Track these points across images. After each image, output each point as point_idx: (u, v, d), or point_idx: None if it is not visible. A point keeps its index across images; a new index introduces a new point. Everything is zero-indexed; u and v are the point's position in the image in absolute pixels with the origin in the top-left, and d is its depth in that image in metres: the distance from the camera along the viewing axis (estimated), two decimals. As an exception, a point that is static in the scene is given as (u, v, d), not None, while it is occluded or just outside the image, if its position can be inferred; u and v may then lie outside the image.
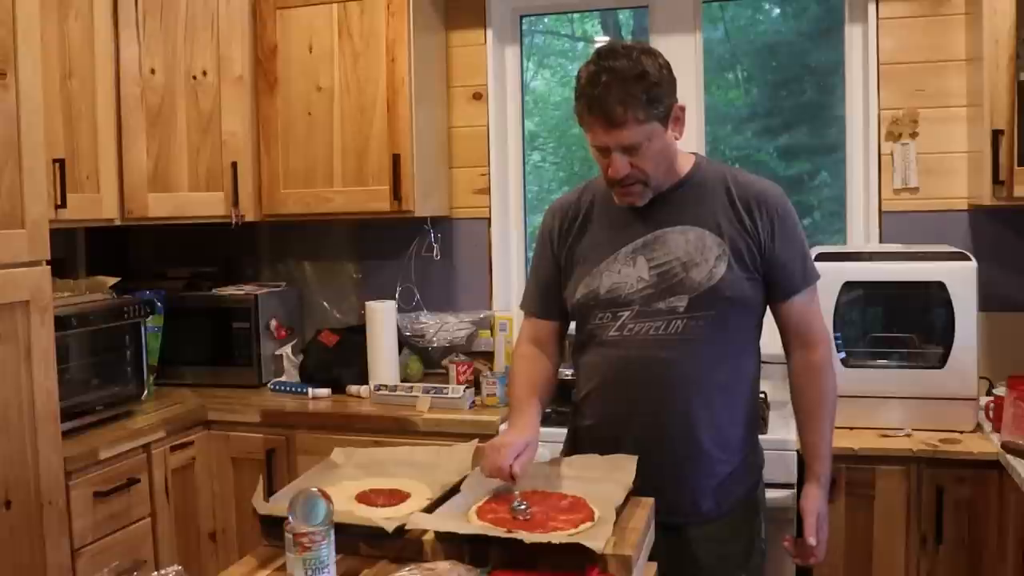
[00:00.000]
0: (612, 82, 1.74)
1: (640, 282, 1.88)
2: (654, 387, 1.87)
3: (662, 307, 1.87)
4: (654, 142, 1.81)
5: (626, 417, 1.90)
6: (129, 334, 2.88)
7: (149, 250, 3.68)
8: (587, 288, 1.93)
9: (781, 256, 1.89)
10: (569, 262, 1.99)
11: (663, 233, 1.89)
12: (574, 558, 1.42)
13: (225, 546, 2.95)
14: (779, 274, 1.91)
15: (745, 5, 3.57)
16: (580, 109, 1.81)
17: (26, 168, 2.21)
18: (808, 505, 1.95)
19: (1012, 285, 2.86)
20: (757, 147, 3.58)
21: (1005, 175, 2.54)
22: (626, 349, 1.89)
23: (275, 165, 3.16)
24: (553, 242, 2.03)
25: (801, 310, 1.94)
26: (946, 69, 2.91)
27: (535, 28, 3.66)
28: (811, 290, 1.95)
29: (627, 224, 1.92)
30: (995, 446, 2.34)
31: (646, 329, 1.88)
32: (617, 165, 1.81)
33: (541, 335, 2.07)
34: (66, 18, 2.77)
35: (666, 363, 1.86)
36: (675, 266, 1.87)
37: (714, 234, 1.87)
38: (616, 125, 1.77)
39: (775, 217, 1.89)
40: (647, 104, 1.76)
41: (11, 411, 2.17)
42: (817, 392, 1.97)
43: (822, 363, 1.97)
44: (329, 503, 1.44)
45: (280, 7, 3.11)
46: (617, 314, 1.90)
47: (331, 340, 3.19)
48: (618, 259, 1.91)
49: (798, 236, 1.93)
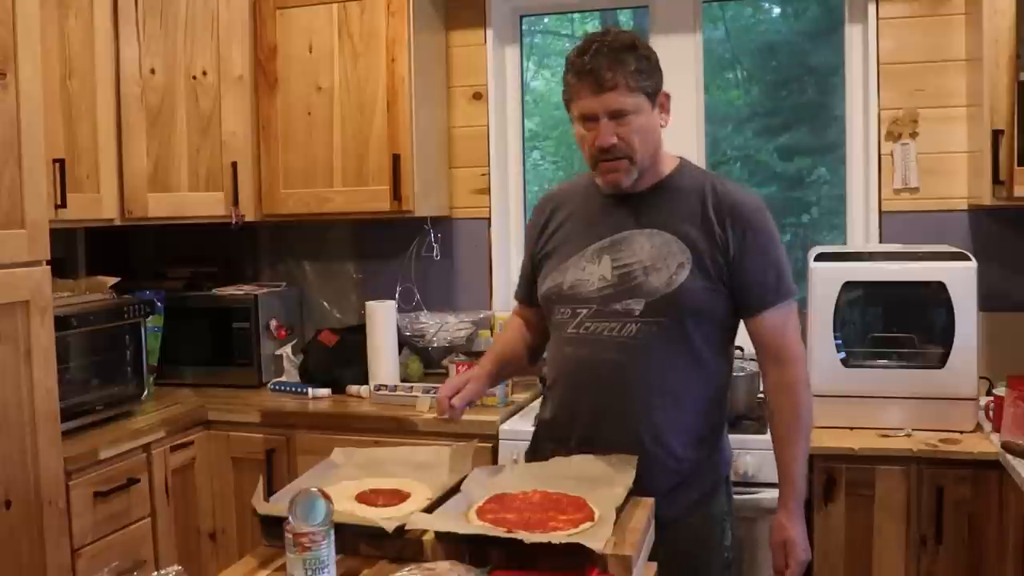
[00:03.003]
0: (603, 48, 1.80)
1: (601, 281, 1.89)
2: (601, 388, 1.89)
3: (619, 308, 1.87)
4: (641, 116, 1.83)
5: (574, 415, 1.93)
6: (129, 334, 2.88)
7: (149, 250, 3.68)
8: (553, 282, 1.96)
9: (750, 269, 1.86)
10: (544, 256, 2.02)
11: (631, 235, 1.90)
12: (574, 558, 1.42)
13: (225, 546, 2.95)
14: (748, 288, 1.87)
15: (745, 5, 3.57)
16: (569, 80, 1.86)
17: (26, 168, 2.21)
18: (775, 538, 1.94)
19: (1012, 285, 2.86)
20: (757, 147, 3.58)
21: (1005, 175, 2.54)
22: (580, 347, 1.91)
23: (275, 165, 3.16)
24: (531, 235, 2.08)
25: (772, 326, 1.90)
26: (946, 69, 2.91)
27: (535, 28, 3.66)
28: (785, 306, 1.91)
29: (599, 222, 1.94)
30: (995, 446, 2.34)
31: (601, 329, 1.88)
32: (604, 133, 1.82)
33: (525, 315, 2.16)
34: (66, 18, 2.77)
35: (615, 364, 1.87)
36: (637, 269, 1.87)
37: (680, 241, 1.86)
38: (606, 88, 1.79)
39: (747, 229, 1.86)
40: (636, 73, 1.80)
41: (11, 411, 2.17)
42: (791, 413, 1.92)
43: (795, 382, 1.92)
44: (329, 503, 1.44)
45: (280, 7, 3.11)
46: (576, 311, 1.92)
47: (331, 340, 3.19)
48: (585, 256, 1.93)
49: (772, 250, 1.89)
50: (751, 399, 2.67)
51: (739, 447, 2.47)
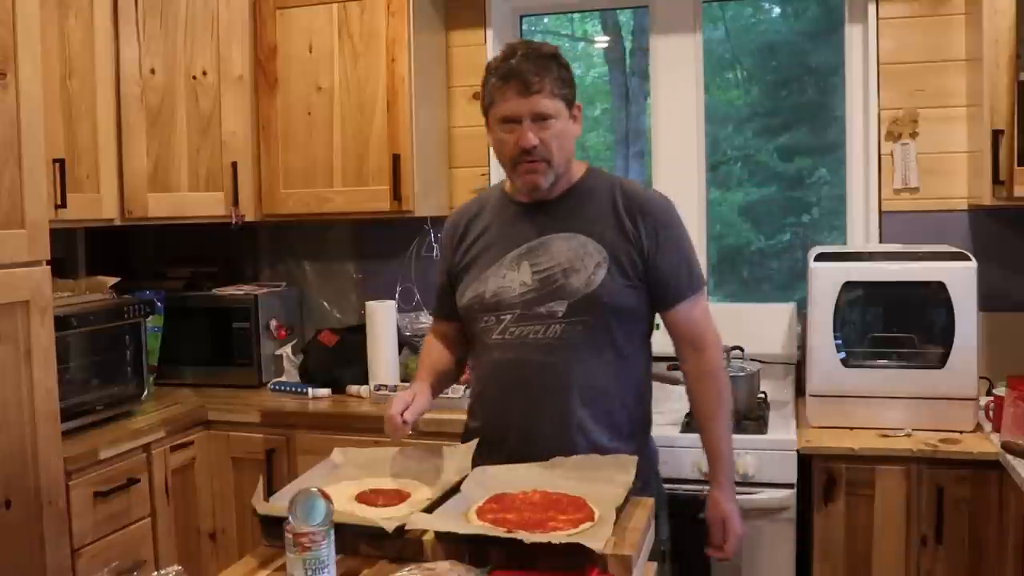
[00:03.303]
0: (528, 54, 1.88)
1: (523, 286, 1.95)
2: (531, 390, 1.94)
3: (542, 311, 1.93)
4: (560, 121, 1.90)
5: (506, 419, 1.96)
6: (129, 334, 2.88)
7: (149, 250, 3.67)
8: (474, 292, 2.00)
9: (664, 265, 1.95)
10: (460, 267, 2.06)
11: (548, 239, 1.96)
12: (574, 558, 1.42)
13: (225, 546, 2.95)
14: (664, 282, 1.96)
15: (745, 5, 3.57)
16: (494, 83, 1.90)
17: (26, 168, 2.21)
18: (711, 514, 2.03)
19: (1012, 285, 2.86)
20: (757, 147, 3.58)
21: (1005, 175, 2.54)
22: (507, 352, 1.96)
23: (275, 165, 3.16)
24: (446, 250, 2.12)
25: (689, 316, 1.99)
26: (946, 69, 2.91)
27: (535, 28, 3.66)
28: (698, 296, 2.01)
29: (515, 230, 1.99)
30: (995, 446, 2.34)
31: (526, 333, 1.94)
32: (528, 134, 1.88)
33: (444, 331, 2.19)
34: (66, 18, 2.76)
35: (543, 366, 1.92)
36: (556, 272, 1.93)
37: (596, 242, 1.93)
38: (532, 91, 1.86)
39: (659, 227, 1.95)
40: (558, 81, 1.89)
41: (11, 411, 2.17)
42: (713, 396, 2.02)
43: (714, 367, 2.02)
44: (329, 503, 1.44)
45: (280, 7, 3.11)
46: (500, 317, 1.96)
47: (331, 340, 3.19)
48: (504, 264, 1.98)
49: (682, 245, 1.99)
50: (751, 399, 2.67)
51: (739, 447, 2.47)
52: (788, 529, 2.45)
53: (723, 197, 3.58)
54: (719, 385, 2.03)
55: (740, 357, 2.75)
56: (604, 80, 3.90)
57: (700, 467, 2.48)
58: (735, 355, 2.72)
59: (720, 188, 3.56)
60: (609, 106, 3.87)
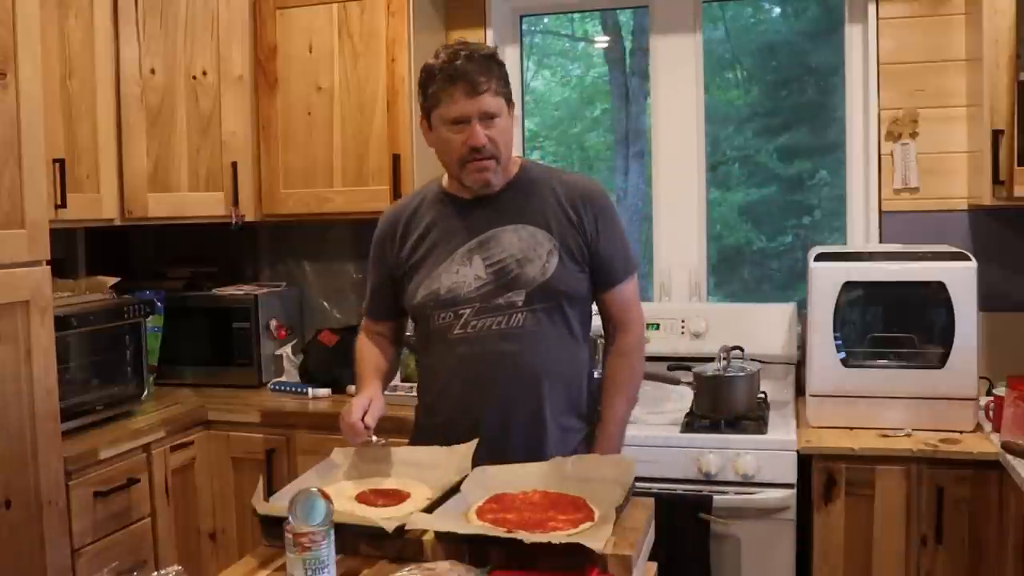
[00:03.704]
0: (472, 56, 1.91)
1: (477, 280, 1.98)
2: (503, 378, 1.97)
3: (502, 302, 1.97)
4: (504, 119, 1.96)
5: (476, 411, 1.97)
6: (129, 334, 2.88)
7: (149, 250, 3.67)
8: (427, 290, 2.02)
9: (605, 249, 2.02)
10: (408, 267, 2.07)
11: (496, 232, 1.99)
12: (574, 558, 1.42)
13: (225, 546, 2.95)
14: (604, 266, 2.03)
15: (745, 5, 3.57)
16: (440, 84, 1.92)
17: (26, 168, 2.21)
18: None
19: (1012, 285, 2.86)
20: (757, 147, 3.58)
21: (1005, 175, 2.54)
22: (471, 346, 1.98)
23: (275, 165, 3.16)
24: (385, 248, 2.13)
25: (623, 298, 2.07)
26: (946, 69, 2.91)
27: (535, 28, 3.66)
28: (632, 278, 2.09)
29: (461, 226, 2.02)
30: (995, 446, 2.34)
31: (488, 324, 1.97)
32: (477, 133, 1.92)
33: (379, 330, 2.21)
34: (66, 18, 2.76)
35: (512, 354, 1.96)
36: (510, 263, 1.97)
37: (545, 231, 1.98)
38: (479, 92, 1.90)
39: (598, 213, 2.02)
40: (500, 80, 1.95)
41: (11, 411, 2.17)
42: (628, 371, 2.09)
43: (635, 344, 2.10)
44: (329, 503, 1.44)
45: (280, 7, 3.11)
46: (459, 312, 1.99)
47: (331, 340, 3.19)
48: (455, 260, 2.00)
49: (619, 230, 2.07)
50: (751, 399, 2.67)
51: (739, 447, 2.48)
52: (788, 529, 2.45)
53: (723, 197, 3.58)
54: (634, 361, 2.10)
55: (740, 357, 2.75)
56: (604, 80, 3.90)
57: (700, 467, 2.48)
58: (735, 355, 2.72)
59: (720, 188, 3.56)
60: (609, 106, 3.87)
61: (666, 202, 3.27)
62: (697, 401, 2.71)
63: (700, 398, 2.69)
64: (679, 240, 3.23)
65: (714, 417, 2.61)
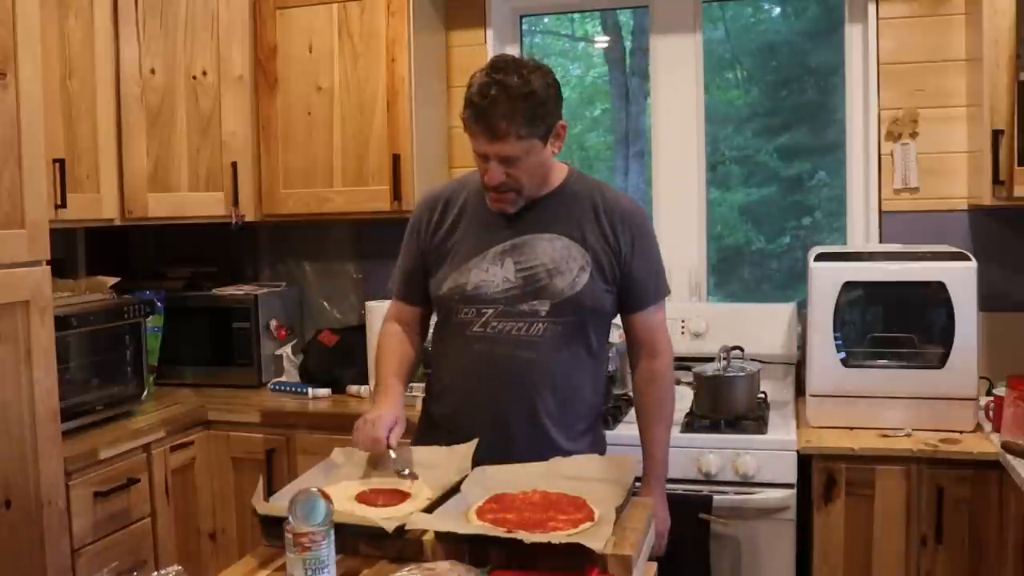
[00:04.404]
0: (500, 96, 1.83)
1: (506, 282, 1.98)
2: (513, 383, 1.97)
3: (525, 309, 1.97)
4: (532, 156, 1.91)
5: (480, 408, 1.99)
6: (129, 334, 2.88)
7: (149, 250, 3.68)
8: (454, 283, 2.01)
9: (638, 272, 2.02)
10: (438, 255, 2.06)
11: (532, 238, 1.99)
12: (574, 558, 1.43)
13: (225, 546, 2.95)
14: (634, 288, 2.03)
15: (745, 5, 3.57)
16: (466, 116, 1.90)
17: (26, 168, 2.20)
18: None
19: (1012, 285, 2.86)
20: (757, 147, 3.58)
21: (1005, 175, 2.54)
22: (487, 345, 1.99)
23: (275, 165, 3.16)
24: (420, 232, 2.10)
25: (650, 322, 2.07)
26: (946, 69, 2.91)
27: (535, 28, 3.66)
28: (660, 304, 2.09)
29: (498, 225, 2.01)
30: (995, 446, 2.34)
31: (509, 328, 1.97)
32: (493, 173, 1.91)
33: (405, 317, 2.17)
34: (66, 18, 2.76)
35: (526, 362, 1.97)
36: (540, 272, 1.97)
37: (579, 245, 1.98)
38: (498, 138, 1.86)
39: (636, 235, 2.01)
40: (529, 122, 1.86)
41: (11, 411, 2.17)
42: (658, 401, 2.09)
43: (663, 371, 2.10)
44: (329, 503, 1.44)
45: (280, 7, 3.11)
46: (481, 311, 1.99)
47: (331, 340, 3.19)
48: (486, 258, 2.00)
49: (654, 254, 2.07)
50: (751, 399, 2.67)
51: (739, 447, 2.48)
52: (788, 529, 2.45)
53: (723, 197, 3.58)
54: (665, 391, 2.10)
55: (740, 357, 2.75)
56: (604, 80, 3.90)
57: (700, 467, 2.48)
58: (735, 355, 2.72)
59: (720, 188, 3.55)
60: (609, 106, 3.87)
61: (666, 202, 3.28)
62: (697, 401, 2.71)
63: (700, 398, 2.70)
64: (679, 240, 3.23)
65: (714, 417, 2.61)
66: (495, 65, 1.88)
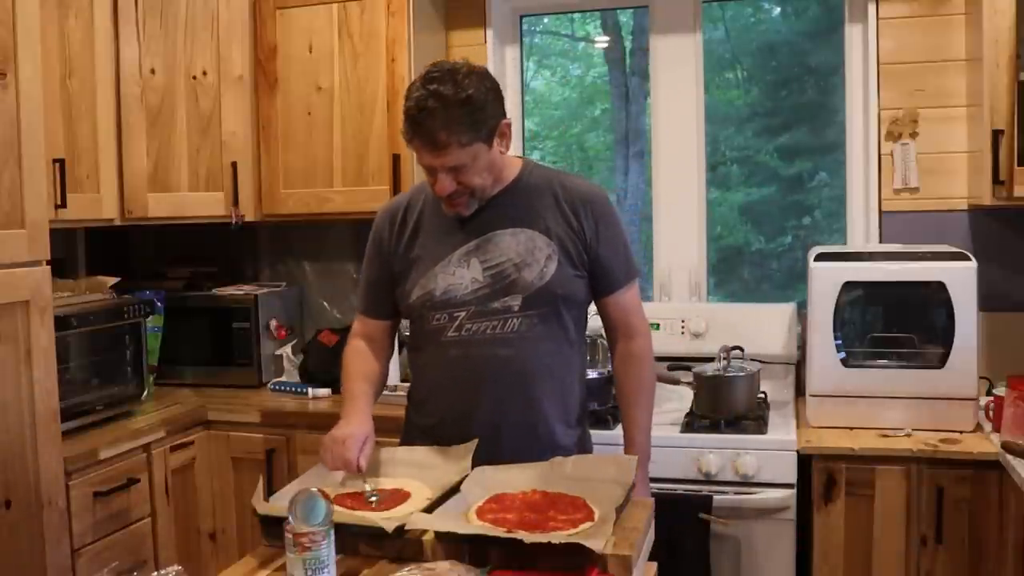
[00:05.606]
0: (436, 108, 1.81)
1: (474, 283, 1.97)
2: (496, 383, 1.96)
3: (497, 306, 1.96)
4: (478, 160, 1.89)
5: (469, 413, 1.97)
6: (129, 334, 2.88)
7: (149, 250, 3.68)
8: (423, 290, 2.00)
9: (605, 255, 2.01)
10: (403, 264, 2.05)
11: (494, 235, 1.98)
12: (574, 558, 1.43)
13: (225, 546, 2.95)
14: (603, 272, 2.02)
15: (745, 5, 3.57)
16: (406, 130, 1.88)
17: (26, 168, 2.21)
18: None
19: (1012, 285, 2.86)
20: (757, 147, 3.58)
21: (1005, 175, 2.54)
22: (465, 348, 1.97)
23: (275, 165, 3.16)
24: (383, 242, 2.10)
25: (623, 304, 2.06)
26: (946, 69, 2.91)
27: (535, 28, 3.66)
28: (633, 284, 2.07)
29: (460, 227, 2.00)
30: (995, 446, 2.34)
31: (483, 328, 1.96)
32: (443, 183, 1.90)
33: (371, 332, 2.15)
34: (66, 18, 2.76)
35: (505, 360, 1.95)
36: (508, 267, 1.96)
37: (543, 235, 1.97)
38: (440, 149, 1.84)
39: (599, 219, 2.00)
40: (470, 128, 1.84)
41: (11, 411, 2.17)
42: (637, 380, 2.09)
43: (641, 352, 2.09)
44: (329, 503, 1.44)
45: (280, 7, 3.12)
46: (453, 315, 1.97)
47: (331, 340, 3.19)
48: (452, 261, 1.99)
49: (620, 236, 2.05)
50: (751, 399, 2.67)
51: (739, 447, 2.48)
52: (788, 529, 2.45)
53: (723, 197, 3.58)
54: (643, 369, 2.09)
55: (740, 357, 2.75)
56: (604, 80, 3.90)
57: (700, 467, 2.48)
58: (735, 355, 2.72)
59: (720, 188, 3.55)
60: (609, 106, 3.87)
61: (666, 202, 3.28)
62: (697, 401, 2.71)
63: (700, 398, 2.70)
64: (679, 240, 3.23)
65: (714, 417, 2.61)
66: (429, 75, 1.85)
